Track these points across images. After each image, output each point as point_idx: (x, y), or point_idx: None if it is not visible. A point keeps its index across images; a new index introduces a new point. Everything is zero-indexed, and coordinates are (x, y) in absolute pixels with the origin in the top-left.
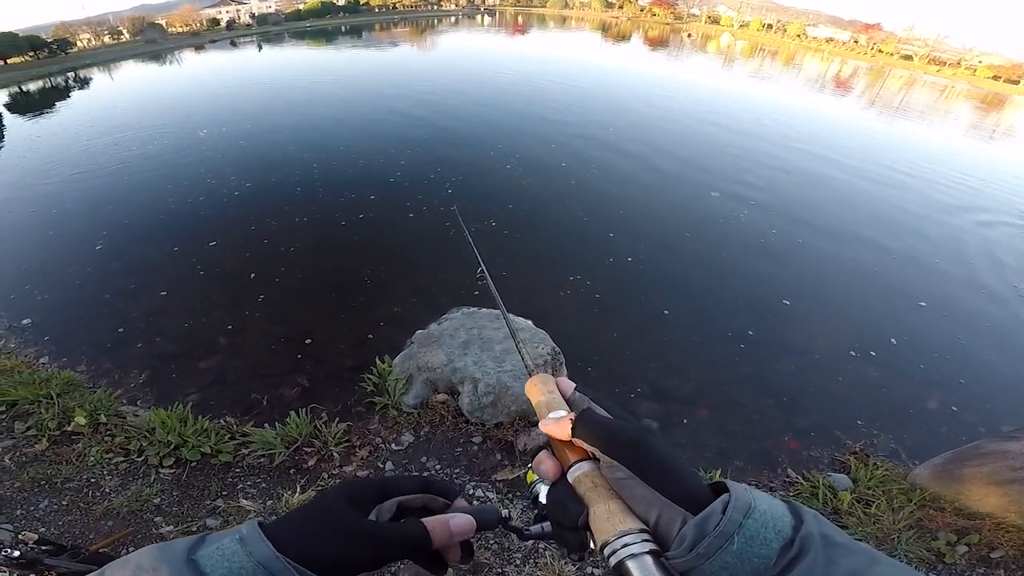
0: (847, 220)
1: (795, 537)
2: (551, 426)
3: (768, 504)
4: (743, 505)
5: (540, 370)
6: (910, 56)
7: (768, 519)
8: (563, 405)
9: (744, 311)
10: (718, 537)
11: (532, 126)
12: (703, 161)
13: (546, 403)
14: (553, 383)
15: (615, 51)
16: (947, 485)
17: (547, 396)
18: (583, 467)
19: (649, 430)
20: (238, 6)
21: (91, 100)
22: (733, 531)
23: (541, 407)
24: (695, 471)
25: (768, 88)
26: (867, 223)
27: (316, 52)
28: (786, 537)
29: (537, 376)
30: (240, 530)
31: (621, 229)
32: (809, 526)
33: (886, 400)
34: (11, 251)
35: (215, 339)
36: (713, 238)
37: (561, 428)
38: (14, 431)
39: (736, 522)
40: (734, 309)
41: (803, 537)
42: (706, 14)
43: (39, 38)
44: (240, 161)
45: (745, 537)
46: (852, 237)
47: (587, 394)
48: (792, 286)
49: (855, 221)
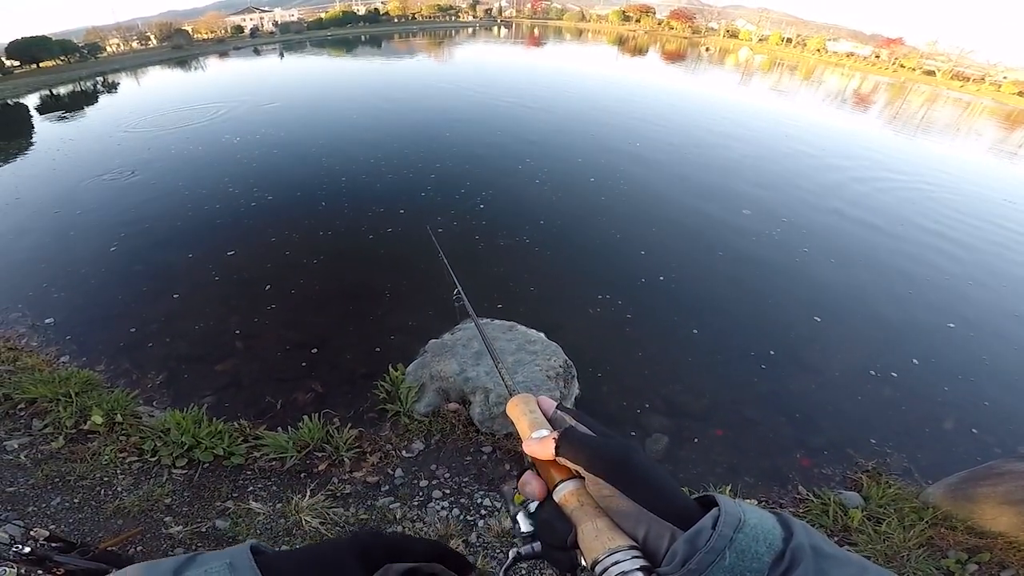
0: (879, 241)
1: (786, 549)
2: (534, 446)
3: (758, 517)
4: (733, 519)
5: (543, 386)
6: (933, 71)
7: (759, 532)
8: (545, 424)
9: (771, 330)
10: (709, 552)
11: (558, 139)
12: (731, 178)
13: (528, 423)
14: (534, 402)
15: (633, 65)
16: (960, 504)
17: (529, 416)
18: (568, 486)
19: (632, 446)
20: (262, 14)
21: (123, 103)
22: (724, 546)
23: (523, 427)
24: (680, 486)
25: (793, 103)
26: (899, 244)
27: (346, 62)
28: (777, 550)
29: (518, 396)
30: (232, 553)
31: (653, 246)
32: (799, 538)
33: (901, 419)
34: (38, 250)
35: (232, 343)
36: (745, 256)
37: (544, 448)
38: (32, 428)
39: (727, 537)
40: (761, 328)
41: (793, 549)
42: (724, 28)
43: (71, 42)
44: (269, 171)
45: (736, 551)
46: (884, 258)
47: (568, 412)
48: (819, 305)
49: (886, 243)
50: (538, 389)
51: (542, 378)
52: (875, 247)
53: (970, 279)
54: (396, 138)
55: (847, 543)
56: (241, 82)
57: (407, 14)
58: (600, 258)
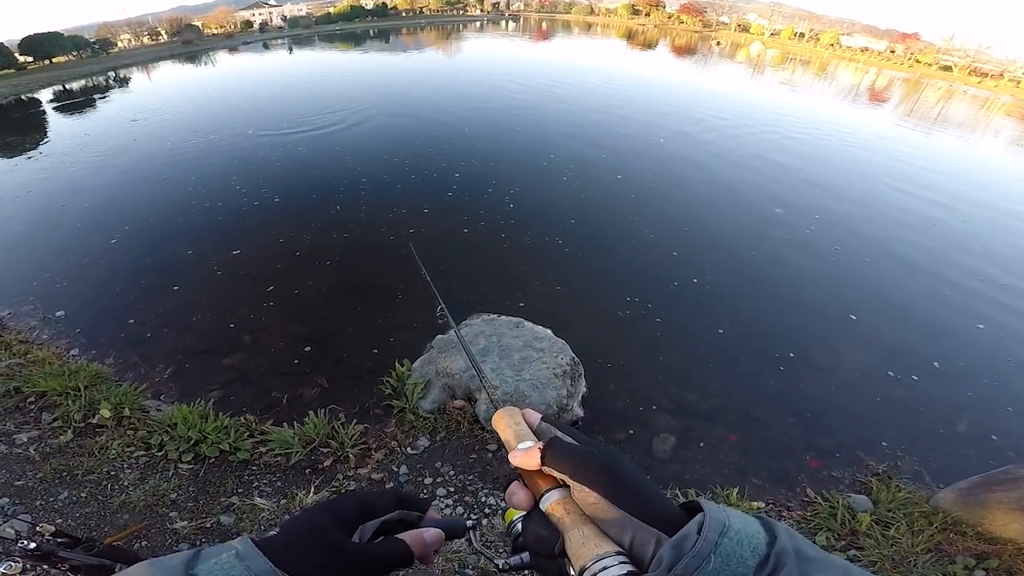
0: (909, 240)
1: (770, 553)
2: (520, 457)
3: (742, 522)
4: (718, 524)
5: (550, 384)
6: (949, 67)
7: (743, 537)
8: (531, 436)
9: (796, 331)
10: (695, 557)
11: (580, 134)
12: (761, 173)
13: (514, 435)
14: (519, 414)
15: (644, 59)
16: (971, 509)
17: (514, 428)
18: (554, 495)
19: (616, 454)
20: (271, 9)
21: (135, 99)
22: (709, 551)
23: (509, 439)
24: (664, 493)
25: (805, 97)
26: (931, 244)
27: (359, 56)
28: (761, 554)
29: (503, 409)
30: (234, 545)
31: (685, 247)
32: (783, 542)
33: (915, 422)
34: (48, 243)
35: (240, 336)
36: (777, 255)
37: (530, 458)
38: (41, 422)
39: (712, 542)
40: (788, 328)
41: (777, 553)
42: (736, 22)
43: (83, 38)
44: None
45: (722, 556)
46: (915, 258)
47: (553, 424)
48: (850, 305)
49: (917, 242)
50: (544, 387)
51: (549, 376)
52: (911, 247)
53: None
54: (418, 136)
55: (854, 547)
56: (264, 74)
57: (415, 8)
58: (630, 260)
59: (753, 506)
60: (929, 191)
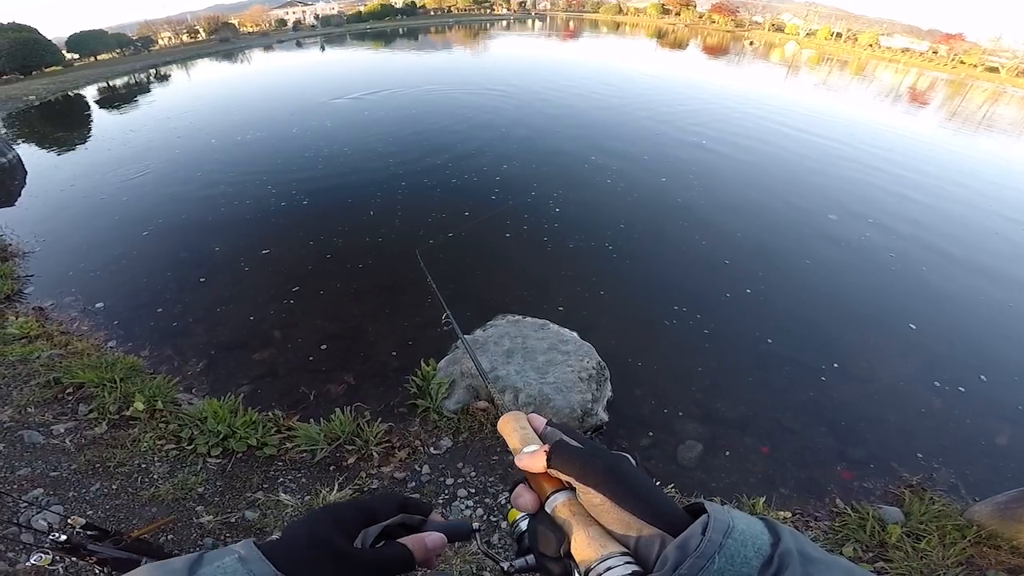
0: (973, 247)
1: (774, 554)
2: (526, 460)
3: (746, 523)
4: (722, 525)
5: (574, 388)
6: (996, 68)
7: (747, 537)
8: (536, 439)
9: (847, 341)
10: (699, 557)
11: (620, 133)
12: (811, 182)
13: (520, 439)
14: (525, 419)
15: (676, 58)
16: (1007, 524)
17: (520, 432)
18: (560, 497)
19: (621, 457)
20: (304, 7)
21: (177, 96)
22: (714, 551)
23: (514, 443)
24: (668, 494)
25: (843, 96)
26: (990, 253)
27: (394, 56)
28: (765, 554)
29: (509, 414)
30: (237, 549)
31: (736, 254)
32: (787, 543)
33: (954, 434)
34: (89, 236)
35: (270, 332)
36: (832, 263)
37: (536, 461)
38: (78, 413)
39: (716, 542)
40: (839, 338)
41: (781, 554)
42: (769, 22)
43: (125, 36)
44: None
45: (726, 556)
46: (976, 266)
47: (559, 428)
48: (907, 314)
49: (980, 249)
50: (569, 390)
51: (573, 379)
52: (968, 258)
53: None
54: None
55: (882, 559)
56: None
57: (443, 7)
58: (679, 265)
59: (780, 516)
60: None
